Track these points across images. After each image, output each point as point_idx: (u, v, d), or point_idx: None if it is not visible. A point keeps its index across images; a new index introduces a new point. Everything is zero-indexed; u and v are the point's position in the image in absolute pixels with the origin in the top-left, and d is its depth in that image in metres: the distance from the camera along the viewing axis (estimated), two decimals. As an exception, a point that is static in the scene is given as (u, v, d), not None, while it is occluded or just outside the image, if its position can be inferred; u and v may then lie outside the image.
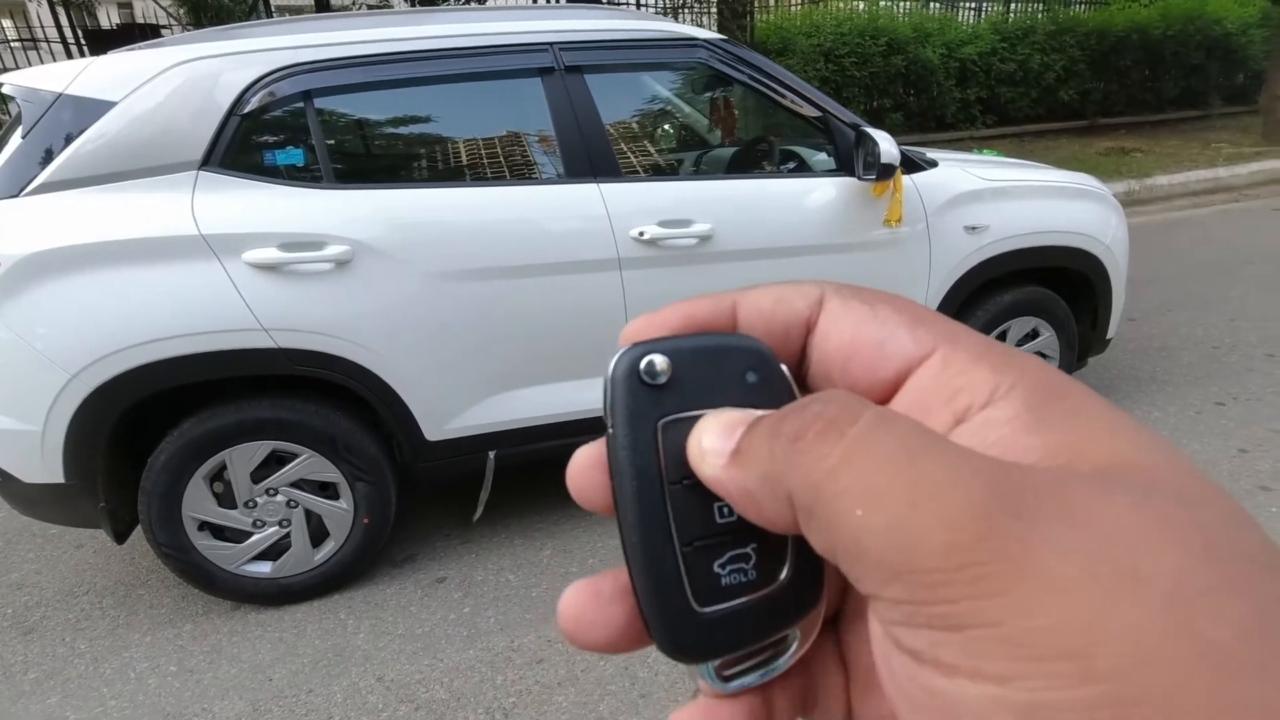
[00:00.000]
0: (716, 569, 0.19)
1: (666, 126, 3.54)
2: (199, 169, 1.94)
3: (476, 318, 2.13)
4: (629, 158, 2.53)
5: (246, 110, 1.98)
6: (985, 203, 2.53)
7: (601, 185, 2.18)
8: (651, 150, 2.73)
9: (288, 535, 2.19)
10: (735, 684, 0.20)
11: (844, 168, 2.40)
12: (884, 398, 0.19)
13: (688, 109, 3.20)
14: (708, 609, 0.19)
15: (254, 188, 1.98)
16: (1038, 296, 2.69)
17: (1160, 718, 0.12)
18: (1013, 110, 9.27)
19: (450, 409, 2.20)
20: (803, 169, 2.63)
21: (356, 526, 2.24)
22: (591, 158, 2.18)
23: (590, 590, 0.20)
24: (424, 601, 2.24)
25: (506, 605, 2.20)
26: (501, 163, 2.23)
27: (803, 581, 0.19)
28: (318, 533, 2.23)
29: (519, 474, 2.76)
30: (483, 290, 2.12)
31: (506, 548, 2.49)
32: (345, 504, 2.22)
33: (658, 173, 2.64)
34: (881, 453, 0.15)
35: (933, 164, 2.52)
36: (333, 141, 2.12)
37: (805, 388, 0.20)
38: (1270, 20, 9.29)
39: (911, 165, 2.45)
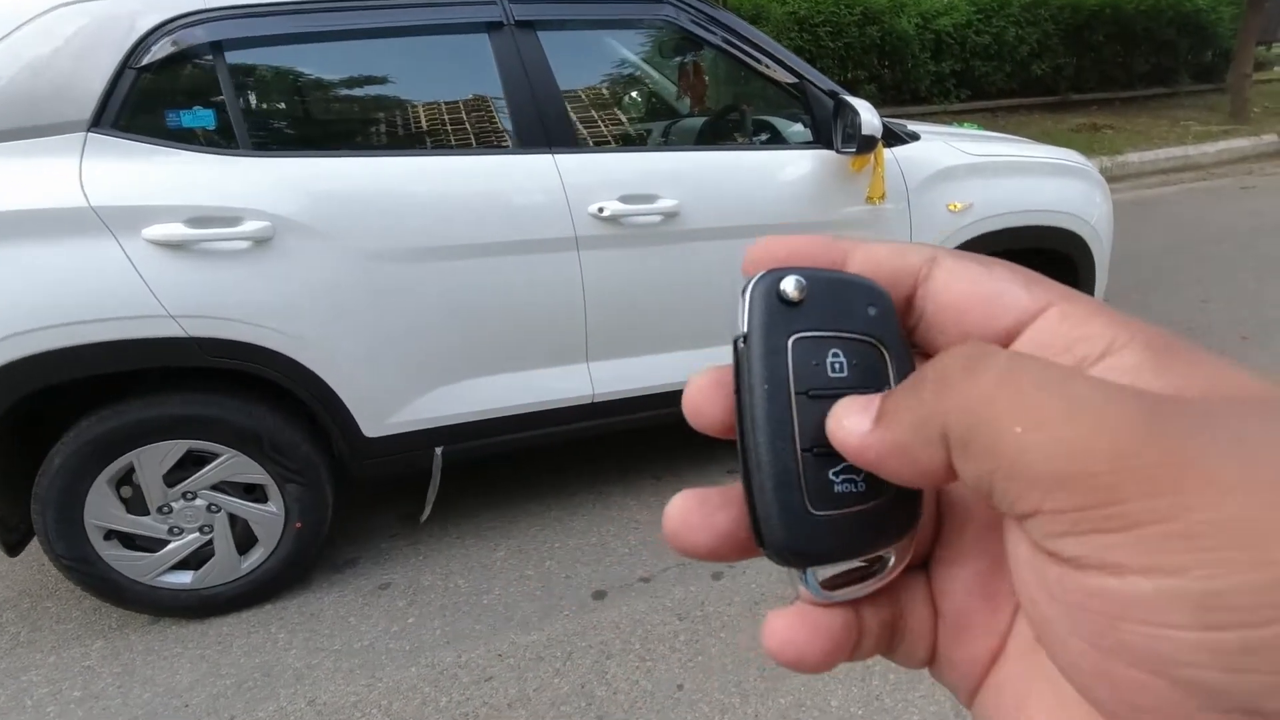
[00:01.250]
0: (831, 476, 0.20)
1: (631, 93, 3.32)
2: (88, 130, 1.68)
3: (418, 302, 1.92)
4: (588, 126, 2.32)
5: (145, 62, 1.72)
6: (969, 179, 2.38)
7: (557, 156, 1.97)
8: (612, 118, 2.52)
9: (210, 542, 1.98)
10: (834, 594, 0.21)
11: (821, 140, 2.22)
12: (1003, 347, 0.19)
13: (655, 74, 2.98)
14: (820, 512, 0.20)
15: (155, 153, 1.73)
16: (1020, 279, 2.56)
17: None
18: (986, 84, 9.15)
19: (391, 403, 2.00)
20: (776, 141, 2.45)
21: (288, 531, 2.04)
22: (546, 125, 1.97)
23: (697, 498, 0.21)
24: (364, 611, 2.06)
25: (454, 614, 2.03)
26: (444, 129, 2.01)
27: (904, 502, 0.20)
28: (245, 539, 2.03)
29: (472, 469, 2.58)
30: (424, 272, 1.90)
31: (457, 549, 2.32)
32: (275, 507, 2.01)
33: (619, 143, 2.43)
34: (1032, 377, 0.16)
35: (914, 137, 2.36)
36: (249, 101, 1.87)
37: (911, 341, 0.22)
38: (1240, -3, 9.28)
39: (892, 138, 2.28)
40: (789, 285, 0.20)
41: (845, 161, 2.22)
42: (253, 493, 2.00)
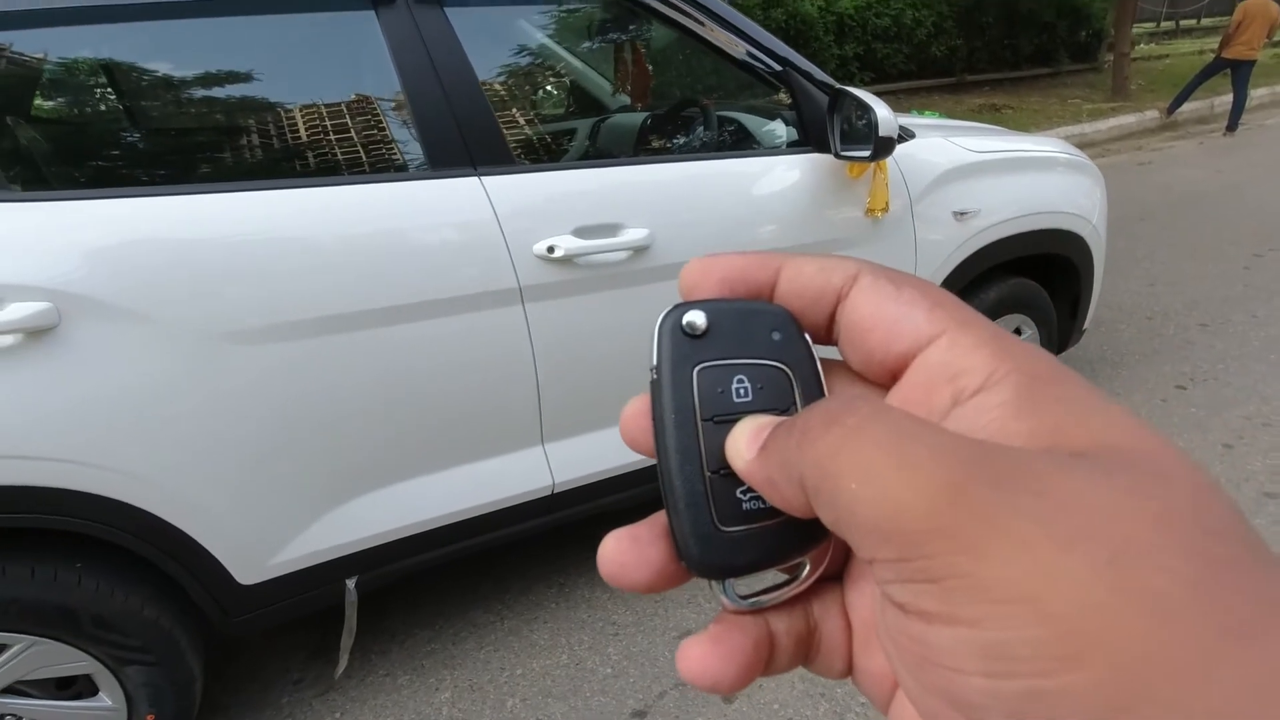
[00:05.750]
0: (738, 495, 0.21)
1: (549, 87, 2.80)
2: None
3: (300, 396, 1.36)
4: (517, 132, 1.79)
5: None
6: (973, 180, 2.03)
7: (485, 178, 1.44)
8: (540, 122, 1.99)
9: (11, 766, 1.35)
10: (750, 601, 0.22)
11: (812, 141, 1.80)
12: (896, 370, 0.20)
13: (575, 62, 2.47)
14: (729, 529, 0.21)
15: None
16: (1022, 290, 2.26)
17: (1103, 655, 0.14)
18: (888, 66, 9.16)
19: (275, 536, 1.43)
20: (748, 143, 2.01)
21: (136, 727, 1.43)
22: (467, 136, 1.44)
23: (629, 537, 0.22)
24: (260, 823, 1.49)
25: (391, 811, 1.49)
26: (322, 149, 1.43)
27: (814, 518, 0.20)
28: (69, 747, 1.40)
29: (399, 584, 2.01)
30: (306, 352, 1.34)
31: (386, 695, 1.76)
32: (110, 699, 1.40)
33: (558, 155, 1.92)
34: (873, 437, 0.17)
35: (910, 134, 1.98)
36: (7, 117, 1.23)
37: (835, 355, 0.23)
38: (1111, -21, 9.71)
39: (890, 136, 1.88)
40: (693, 318, 0.21)
41: (838, 167, 1.81)
42: (70, 687, 1.38)
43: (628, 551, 0.21)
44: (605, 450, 1.71)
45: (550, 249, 1.47)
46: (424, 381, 1.45)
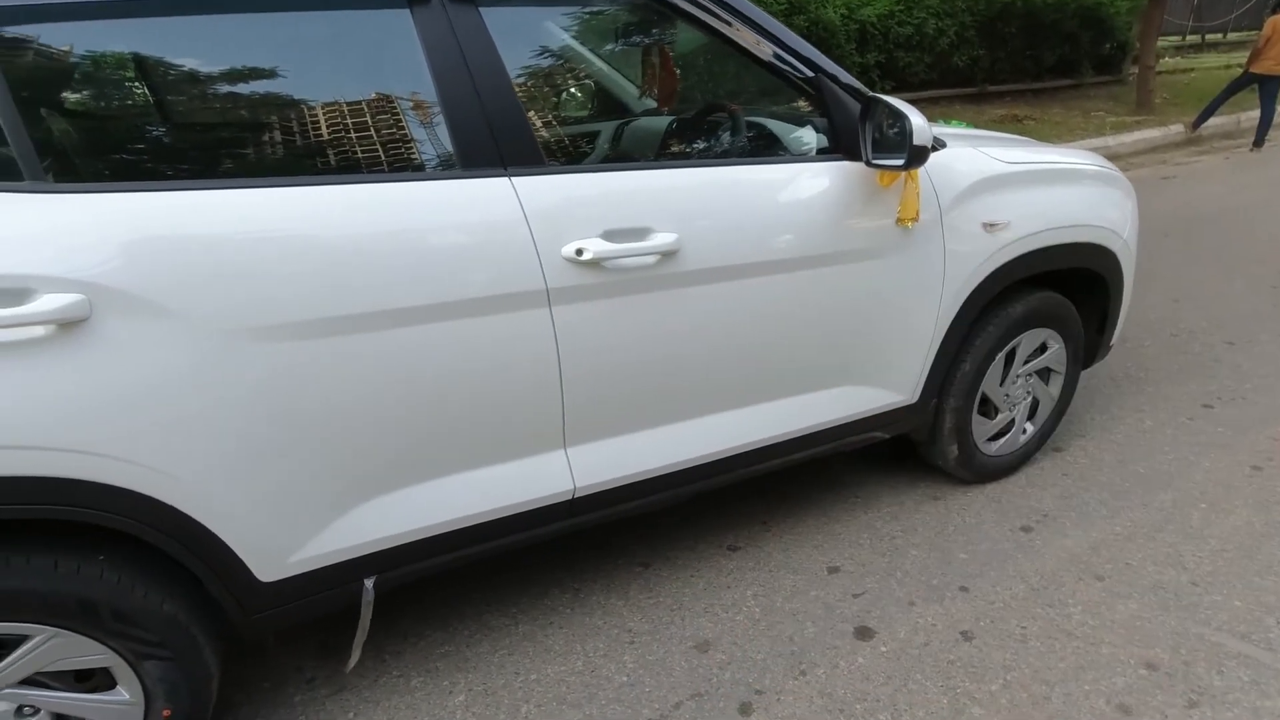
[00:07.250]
0: None
1: (575, 89, 2.79)
2: None
3: (324, 394, 1.35)
4: (545, 133, 1.78)
5: None
6: (1004, 192, 2.00)
7: (516, 179, 1.44)
8: (568, 123, 1.98)
9: (28, 755, 1.35)
10: None
11: (843, 149, 1.78)
12: None
13: (598, 63, 2.45)
14: None
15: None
16: (1049, 305, 2.22)
17: None
18: (909, 75, 9.11)
19: (295, 533, 1.42)
20: (775, 149, 1.99)
21: (152, 721, 1.42)
22: (498, 136, 1.43)
23: None
24: (272, 823, 1.48)
25: (404, 815, 1.48)
26: (351, 146, 1.43)
27: None
28: (84, 740, 1.40)
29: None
30: (330, 350, 1.33)
31: (400, 696, 1.75)
32: (128, 693, 1.40)
33: (584, 157, 1.91)
34: None
35: (941, 144, 1.95)
36: (39, 105, 1.24)
37: None
38: (1137, -9, 9.62)
39: (921, 145, 1.86)
40: None
41: (868, 175, 1.79)
42: (88, 680, 1.38)
43: None
44: (628, 455, 1.69)
45: (579, 251, 1.46)
46: (449, 382, 1.44)
